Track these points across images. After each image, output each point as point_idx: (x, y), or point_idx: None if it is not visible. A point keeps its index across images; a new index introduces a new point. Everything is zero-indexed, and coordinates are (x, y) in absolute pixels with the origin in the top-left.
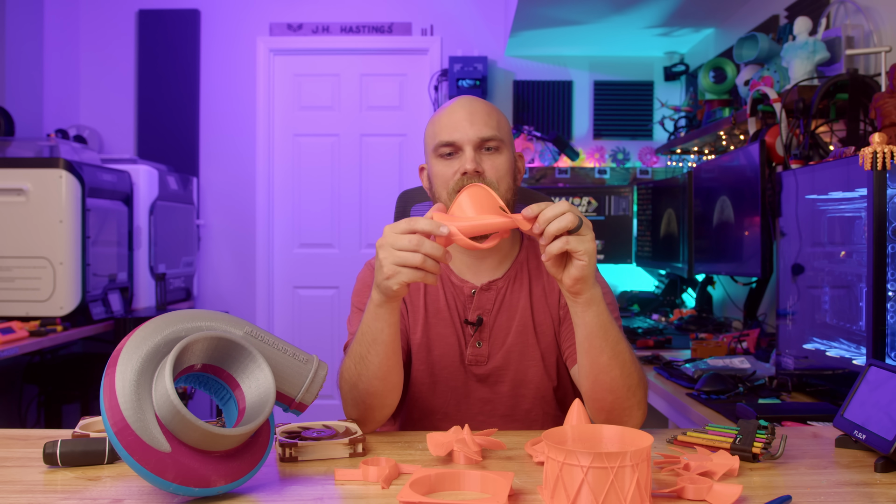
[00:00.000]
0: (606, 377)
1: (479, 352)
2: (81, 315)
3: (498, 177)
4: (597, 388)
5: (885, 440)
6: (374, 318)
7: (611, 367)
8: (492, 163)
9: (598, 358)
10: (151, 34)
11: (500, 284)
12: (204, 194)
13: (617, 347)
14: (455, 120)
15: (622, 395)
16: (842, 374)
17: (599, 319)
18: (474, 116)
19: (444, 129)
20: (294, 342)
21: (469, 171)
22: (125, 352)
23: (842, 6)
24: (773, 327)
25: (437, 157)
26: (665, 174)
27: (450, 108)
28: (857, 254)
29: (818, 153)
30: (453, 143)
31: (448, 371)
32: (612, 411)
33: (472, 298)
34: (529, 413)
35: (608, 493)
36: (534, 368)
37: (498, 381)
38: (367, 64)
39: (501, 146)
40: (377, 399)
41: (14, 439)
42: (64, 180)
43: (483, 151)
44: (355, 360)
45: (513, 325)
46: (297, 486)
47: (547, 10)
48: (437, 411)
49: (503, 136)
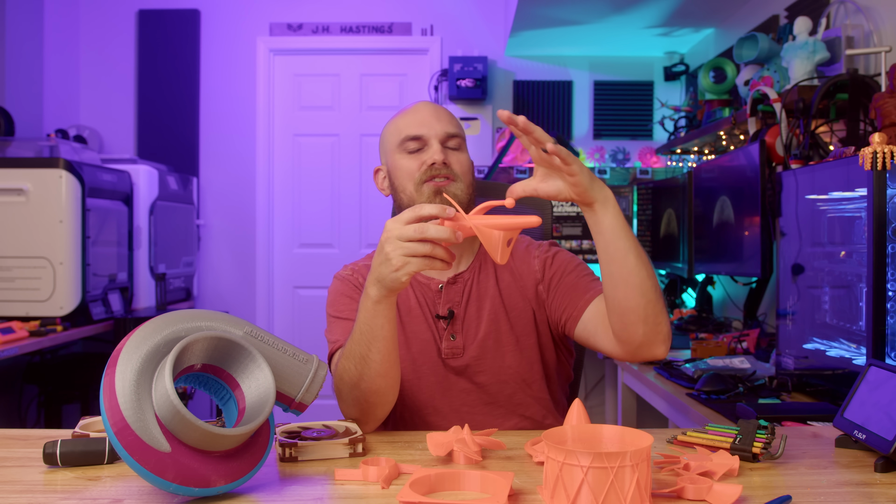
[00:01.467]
0: (637, 279)
1: (453, 344)
2: (81, 315)
3: (462, 171)
4: (630, 293)
5: (885, 440)
6: (373, 316)
7: (639, 269)
8: (456, 157)
9: (626, 259)
10: (151, 34)
11: (466, 276)
12: (204, 194)
13: (639, 249)
14: (421, 117)
15: (653, 298)
16: (842, 374)
17: (618, 220)
18: (439, 114)
19: (410, 125)
20: (294, 342)
21: (437, 163)
22: (125, 352)
23: (842, 6)
24: (773, 327)
25: (402, 153)
26: (665, 174)
27: (413, 108)
28: (857, 254)
29: (818, 153)
30: (420, 136)
31: (428, 367)
32: (647, 319)
33: (441, 293)
34: (513, 397)
35: (608, 493)
36: (511, 354)
37: (477, 371)
38: (367, 64)
39: (462, 145)
40: (380, 396)
41: (14, 439)
42: (64, 180)
43: (447, 148)
44: (355, 361)
45: (484, 315)
46: (297, 486)
47: (547, 10)
48: (425, 406)
49: (463, 136)
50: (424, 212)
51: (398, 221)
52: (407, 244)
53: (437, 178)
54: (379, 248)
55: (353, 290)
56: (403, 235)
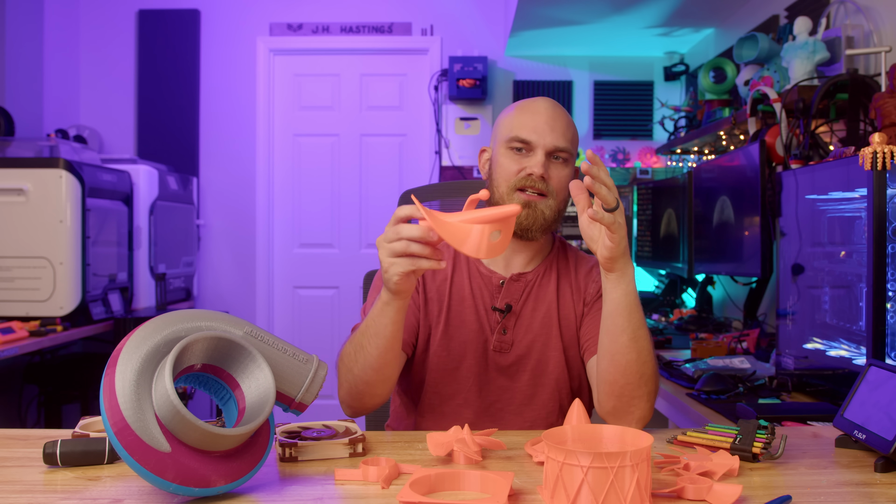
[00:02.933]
0: (622, 359)
1: (504, 339)
2: (81, 315)
3: (559, 188)
4: (612, 368)
5: (885, 440)
6: (379, 314)
7: (628, 350)
8: (557, 173)
9: (618, 337)
10: (151, 34)
11: (530, 277)
12: (204, 194)
13: (637, 332)
14: (537, 121)
15: (633, 381)
16: (842, 374)
17: (627, 299)
18: (556, 123)
19: (523, 126)
20: (294, 342)
21: (535, 175)
22: (125, 352)
23: (842, 6)
24: (773, 327)
25: (507, 149)
26: (665, 174)
27: (534, 106)
28: (857, 254)
29: (818, 153)
30: (529, 142)
31: (470, 358)
32: (621, 396)
33: (501, 288)
34: (547, 404)
35: (608, 493)
36: (555, 360)
37: (519, 370)
38: (367, 64)
39: (569, 160)
40: (368, 388)
41: (14, 439)
42: (64, 180)
43: (552, 159)
44: (355, 347)
45: (538, 316)
46: (297, 486)
47: (547, 10)
48: (457, 396)
49: (574, 150)
50: (399, 214)
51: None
52: (388, 245)
53: (529, 191)
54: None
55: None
56: (386, 237)
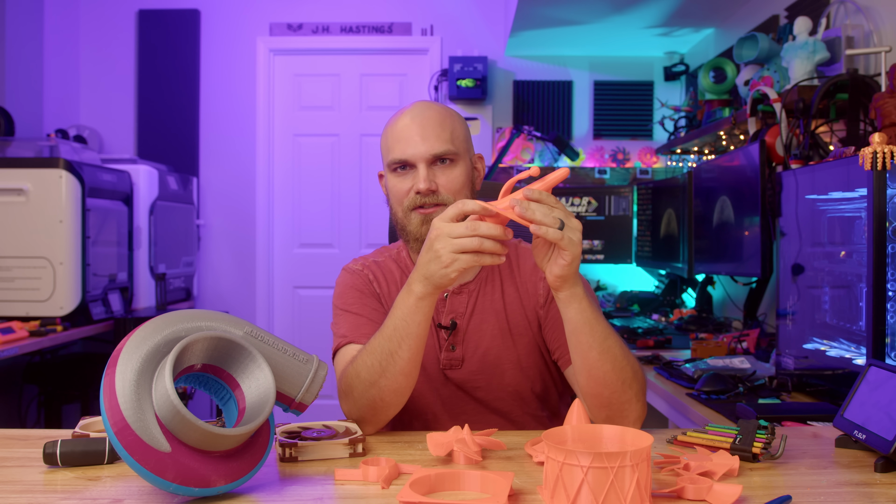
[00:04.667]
0: (598, 372)
1: (453, 356)
2: (81, 315)
3: (453, 190)
4: (591, 383)
5: (885, 440)
6: (413, 312)
7: (601, 363)
8: (446, 177)
9: (587, 354)
10: (151, 34)
11: (472, 287)
12: (204, 194)
13: (605, 343)
14: (407, 135)
15: (617, 389)
16: (842, 374)
17: (583, 315)
18: (426, 130)
19: (396, 145)
20: (294, 342)
21: (422, 191)
22: (125, 352)
23: (842, 6)
24: (773, 327)
25: (391, 173)
26: (665, 174)
27: (402, 120)
28: (857, 254)
29: (818, 153)
30: (405, 160)
31: (426, 374)
32: (610, 406)
33: (445, 302)
34: (509, 414)
35: (608, 493)
36: (510, 372)
37: (475, 387)
38: (367, 64)
39: (456, 158)
40: (398, 396)
41: (14, 439)
42: (64, 180)
43: (437, 165)
44: (381, 357)
45: (487, 329)
46: (297, 486)
47: (547, 10)
48: (426, 411)
49: (458, 146)
50: (467, 208)
51: (445, 219)
52: (457, 240)
53: (426, 206)
54: (427, 245)
55: (364, 284)
56: (454, 233)
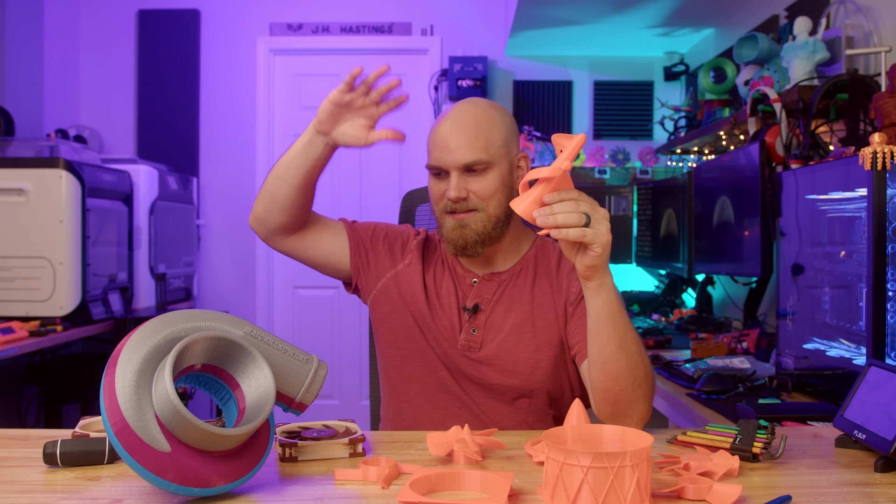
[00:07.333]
0: (613, 366)
1: (472, 338)
2: (81, 315)
3: (485, 197)
4: (603, 377)
5: (885, 440)
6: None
7: (617, 357)
8: (478, 185)
9: (605, 346)
10: (151, 34)
11: (504, 277)
12: (204, 194)
13: (625, 338)
14: (443, 142)
15: (627, 386)
16: (842, 374)
17: (609, 307)
18: (460, 139)
19: (433, 150)
20: (294, 342)
21: (453, 198)
22: (125, 352)
23: (842, 6)
24: (773, 327)
25: (431, 175)
26: (665, 174)
27: (442, 126)
28: (857, 254)
29: (818, 153)
30: (440, 167)
31: (444, 352)
32: (617, 403)
33: (473, 287)
34: (515, 402)
35: (608, 493)
36: (525, 362)
37: (489, 371)
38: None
39: (489, 165)
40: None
41: (14, 439)
42: (64, 180)
43: (469, 173)
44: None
45: (510, 317)
46: (297, 486)
47: (547, 10)
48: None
49: (492, 153)
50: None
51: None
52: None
53: (458, 212)
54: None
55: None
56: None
